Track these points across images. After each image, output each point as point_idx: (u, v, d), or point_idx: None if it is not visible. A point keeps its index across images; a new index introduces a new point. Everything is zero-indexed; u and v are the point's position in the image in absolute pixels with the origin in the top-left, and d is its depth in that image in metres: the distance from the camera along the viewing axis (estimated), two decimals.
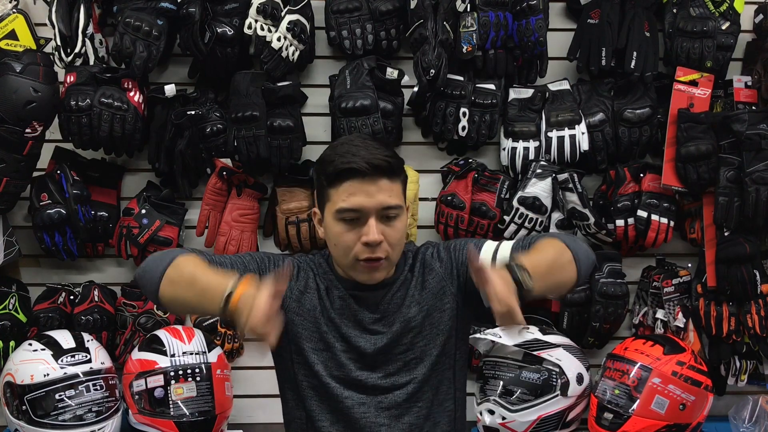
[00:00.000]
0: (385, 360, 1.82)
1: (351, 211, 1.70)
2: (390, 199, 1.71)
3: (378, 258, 1.72)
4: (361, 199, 1.69)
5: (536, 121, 2.66)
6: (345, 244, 1.72)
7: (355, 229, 1.71)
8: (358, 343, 1.80)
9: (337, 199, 1.71)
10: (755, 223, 2.56)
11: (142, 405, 2.43)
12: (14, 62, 2.36)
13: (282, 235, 2.67)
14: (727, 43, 2.61)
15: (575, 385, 2.54)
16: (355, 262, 1.73)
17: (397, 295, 1.84)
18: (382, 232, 1.70)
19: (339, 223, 1.72)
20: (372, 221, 1.69)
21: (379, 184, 1.70)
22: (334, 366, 1.80)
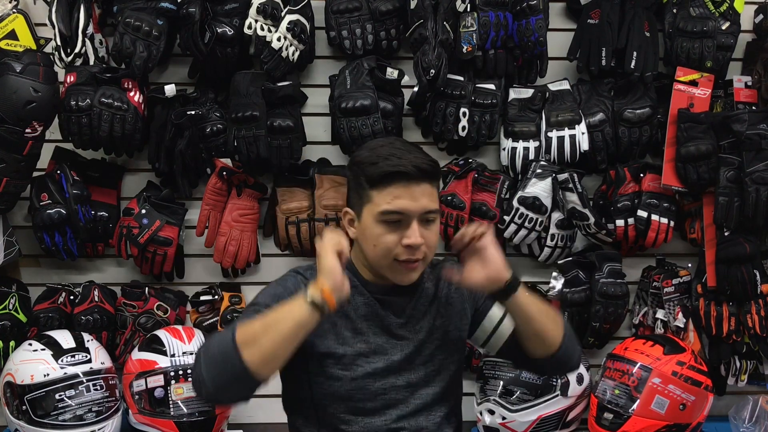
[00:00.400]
0: (409, 368, 1.83)
1: (396, 213, 1.72)
2: (432, 203, 1.75)
3: (417, 259, 1.75)
4: (406, 203, 1.71)
5: (536, 121, 2.66)
6: (386, 246, 1.74)
7: (397, 231, 1.73)
8: (385, 349, 1.81)
9: (381, 201, 1.72)
10: (755, 223, 2.56)
11: (142, 405, 2.43)
12: (14, 62, 2.36)
13: (282, 235, 2.66)
14: (727, 43, 2.61)
15: (575, 385, 2.54)
16: (394, 263, 1.75)
17: (421, 302, 1.87)
18: (422, 236, 1.73)
19: (380, 225, 1.73)
20: (415, 224, 1.72)
21: (423, 188, 1.73)
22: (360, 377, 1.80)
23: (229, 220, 2.65)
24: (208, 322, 2.71)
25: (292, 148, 2.60)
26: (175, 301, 2.69)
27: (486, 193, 2.66)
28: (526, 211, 2.63)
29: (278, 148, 2.58)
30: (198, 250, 2.73)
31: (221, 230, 2.65)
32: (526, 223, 2.64)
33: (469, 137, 2.65)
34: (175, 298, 2.70)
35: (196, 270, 2.77)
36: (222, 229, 2.65)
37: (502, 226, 2.65)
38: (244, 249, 2.66)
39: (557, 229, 2.71)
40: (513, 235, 2.66)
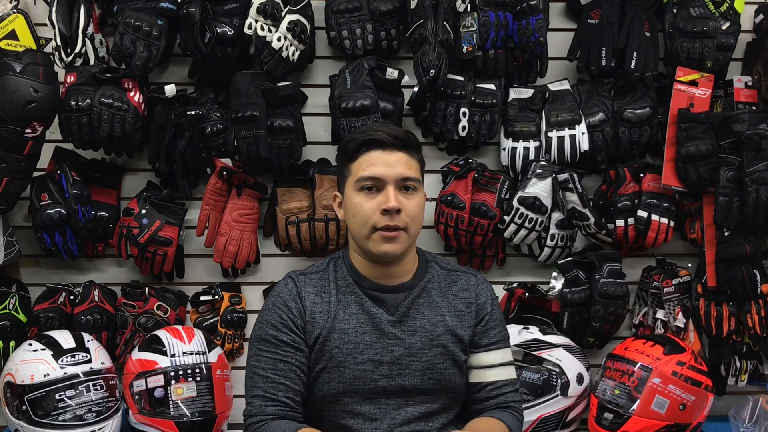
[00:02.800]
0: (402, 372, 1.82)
1: (371, 179, 1.77)
2: (408, 171, 1.79)
3: (396, 227, 1.76)
4: (380, 169, 1.77)
5: (536, 121, 2.66)
6: (364, 213, 1.77)
7: (375, 198, 1.77)
8: (375, 349, 1.81)
9: (358, 169, 1.79)
10: (755, 223, 2.56)
11: (142, 405, 2.43)
12: (14, 62, 2.35)
13: (282, 235, 2.66)
14: (727, 43, 2.61)
15: (575, 385, 2.54)
16: (373, 231, 1.77)
17: (420, 302, 1.86)
18: (400, 203, 1.75)
19: (359, 193, 1.78)
20: (391, 189, 1.76)
21: (399, 156, 1.79)
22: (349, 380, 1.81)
23: (229, 220, 2.65)
24: (208, 322, 2.72)
25: (292, 148, 2.60)
26: (175, 301, 2.70)
27: (486, 193, 2.66)
28: (526, 211, 2.63)
29: (278, 148, 2.58)
30: (198, 250, 2.74)
31: (221, 230, 2.65)
32: (526, 223, 2.64)
33: (469, 137, 2.65)
34: (175, 298, 2.70)
35: (196, 270, 2.77)
36: (222, 229, 2.65)
37: (502, 226, 2.65)
38: (244, 249, 2.66)
39: (557, 229, 2.71)
40: (513, 235, 2.66)
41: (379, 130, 1.80)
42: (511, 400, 1.95)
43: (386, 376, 1.81)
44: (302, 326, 1.83)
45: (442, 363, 1.84)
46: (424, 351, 1.82)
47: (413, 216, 1.79)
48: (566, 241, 2.73)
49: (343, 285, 1.86)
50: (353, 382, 1.81)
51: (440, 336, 1.85)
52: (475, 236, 2.65)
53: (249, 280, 2.78)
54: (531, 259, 2.79)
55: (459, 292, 1.92)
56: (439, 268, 1.96)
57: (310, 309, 1.84)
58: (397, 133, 1.80)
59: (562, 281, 2.66)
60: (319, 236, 2.63)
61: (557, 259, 2.72)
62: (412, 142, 1.83)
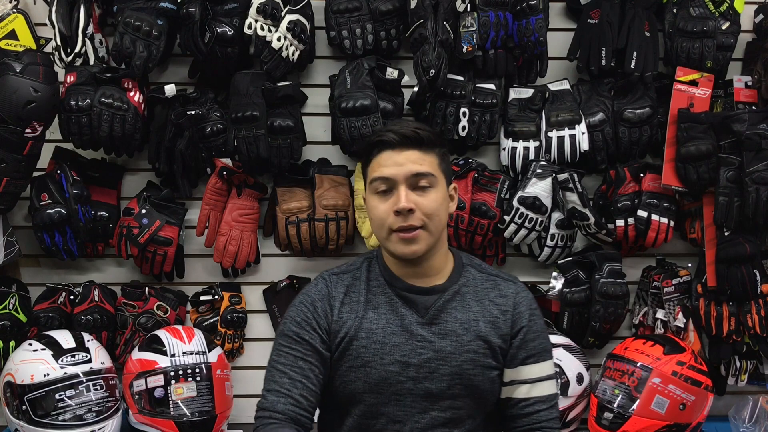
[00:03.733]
0: (430, 376, 1.79)
1: (381, 180, 1.75)
2: (420, 167, 1.75)
3: (411, 227, 1.73)
4: (390, 169, 1.74)
5: (536, 121, 2.66)
6: (379, 216, 1.76)
7: (389, 200, 1.74)
8: (402, 350, 1.78)
9: (371, 172, 1.79)
10: (755, 223, 2.56)
11: (142, 405, 2.43)
12: (14, 62, 2.35)
13: (282, 235, 2.66)
14: (727, 43, 2.61)
15: (575, 385, 2.54)
16: (390, 233, 1.75)
17: (453, 305, 1.82)
18: (414, 201, 1.73)
19: (374, 196, 1.78)
20: (402, 189, 1.73)
21: (408, 154, 1.75)
22: (374, 381, 1.79)
23: (229, 220, 2.65)
24: (208, 322, 2.71)
25: (292, 148, 2.60)
26: (175, 301, 2.69)
27: (486, 193, 2.66)
28: (526, 211, 2.63)
29: (278, 148, 2.58)
30: (198, 250, 2.74)
31: (221, 230, 2.65)
32: (526, 223, 2.64)
33: (469, 137, 2.65)
34: (175, 298, 2.70)
35: (196, 270, 2.77)
36: (222, 229, 2.65)
37: (502, 226, 2.65)
38: (244, 249, 2.66)
39: (557, 229, 2.71)
40: (513, 235, 2.66)
41: (389, 130, 1.77)
42: (545, 418, 1.84)
43: (413, 379, 1.78)
44: (326, 328, 1.80)
45: (471, 369, 1.80)
46: (454, 356, 1.78)
47: (430, 212, 1.74)
48: (566, 241, 2.73)
49: (374, 285, 1.84)
50: (379, 383, 1.78)
51: (471, 342, 1.80)
52: (475, 236, 2.65)
53: (249, 280, 2.78)
54: (531, 259, 2.79)
55: (496, 298, 1.85)
56: (476, 272, 1.89)
57: (338, 309, 1.82)
58: (406, 131, 1.76)
59: (562, 281, 2.66)
60: (319, 236, 2.63)
61: (557, 259, 2.72)
62: (423, 137, 1.76)
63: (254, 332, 2.76)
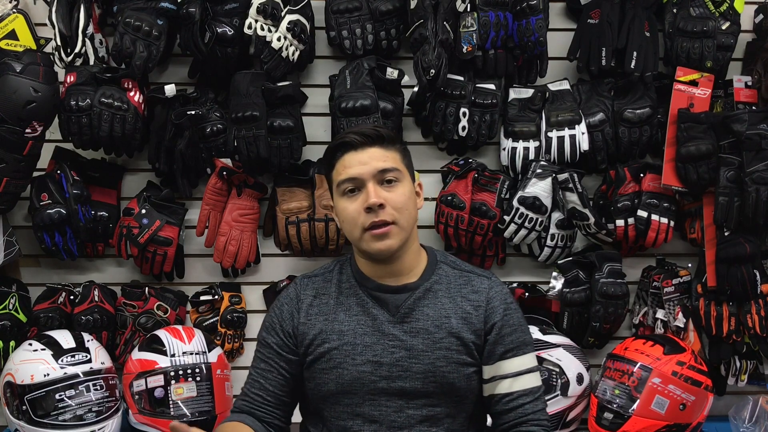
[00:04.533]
0: (404, 375, 1.79)
1: (348, 181, 1.77)
2: (384, 163, 1.78)
3: (384, 222, 1.75)
4: (356, 169, 1.77)
5: (536, 121, 2.66)
6: (350, 216, 1.77)
7: (358, 199, 1.77)
8: (375, 350, 1.80)
9: (337, 175, 1.80)
10: (755, 223, 2.56)
11: (142, 405, 2.43)
12: (14, 62, 2.35)
13: (282, 235, 2.66)
14: (727, 43, 2.61)
15: (575, 385, 2.54)
16: (363, 232, 1.76)
17: (424, 303, 1.83)
18: (383, 197, 1.75)
19: (342, 198, 1.79)
20: (370, 186, 1.75)
21: (372, 152, 1.78)
22: (347, 381, 1.80)
23: (229, 220, 2.65)
24: (208, 322, 2.71)
25: (292, 148, 2.60)
26: (175, 301, 2.70)
27: (486, 193, 2.66)
28: (526, 211, 2.63)
29: (278, 148, 2.58)
30: (198, 250, 2.74)
31: (221, 230, 2.65)
32: (526, 223, 2.64)
33: (469, 137, 2.65)
34: (175, 298, 2.70)
35: (196, 270, 2.77)
36: (222, 229, 2.65)
37: (502, 226, 2.65)
38: (244, 249, 2.66)
39: (557, 229, 2.71)
40: (513, 235, 2.66)
41: (349, 133, 1.81)
42: (530, 411, 1.82)
43: (386, 378, 1.79)
44: (291, 331, 1.86)
45: (444, 366, 1.80)
46: (426, 353, 1.79)
47: (400, 207, 1.76)
48: (566, 241, 2.73)
49: (346, 287, 1.86)
50: (352, 383, 1.80)
51: (443, 339, 1.80)
52: (475, 236, 2.65)
53: (249, 280, 2.78)
54: (531, 259, 2.79)
55: (469, 294, 1.85)
56: (450, 268, 1.89)
57: (305, 312, 1.85)
58: (366, 130, 1.79)
59: (562, 281, 2.66)
60: (319, 236, 2.63)
61: (557, 259, 2.72)
62: (384, 135, 1.80)
63: (254, 332, 2.75)
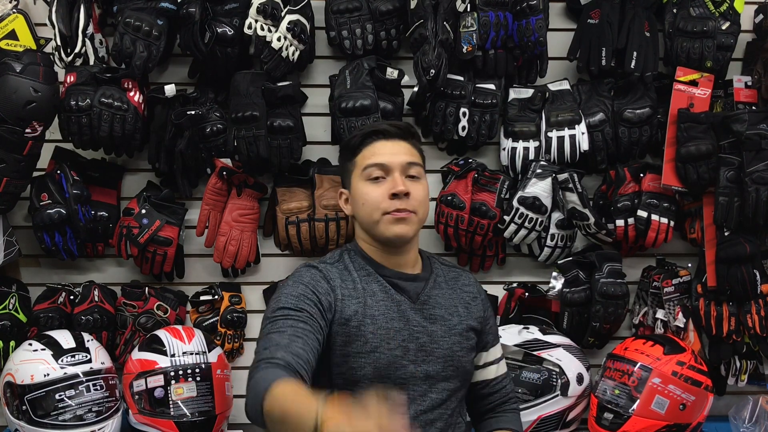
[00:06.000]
0: (427, 359, 1.86)
1: (377, 165, 1.85)
2: (412, 157, 1.88)
3: (406, 209, 1.82)
4: (386, 156, 1.85)
5: (536, 121, 2.66)
6: (373, 199, 1.84)
7: (383, 185, 1.84)
8: (403, 335, 1.85)
9: (363, 160, 1.87)
10: (755, 223, 2.56)
11: (142, 405, 2.43)
12: (14, 62, 2.35)
13: (282, 235, 2.66)
14: (727, 43, 2.61)
15: (575, 385, 2.54)
16: (384, 217, 1.83)
17: (437, 292, 1.93)
18: (408, 187, 1.84)
19: (367, 183, 1.86)
20: (397, 175, 1.84)
21: (402, 145, 1.89)
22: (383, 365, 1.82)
23: (229, 220, 2.65)
24: (208, 322, 2.71)
25: (292, 148, 2.60)
26: (175, 301, 2.69)
27: (486, 193, 2.66)
28: (526, 211, 2.63)
29: (278, 148, 2.58)
30: (198, 250, 2.74)
31: (221, 230, 2.65)
32: (526, 223, 2.64)
33: (469, 137, 2.65)
34: (175, 298, 2.70)
35: (196, 270, 2.77)
36: (222, 229, 2.65)
37: (502, 226, 2.65)
38: (244, 249, 2.66)
39: (557, 229, 2.71)
40: (513, 235, 2.66)
41: (381, 125, 1.92)
42: (510, 390, 2.12)
43: (413, 362, 1.85)
44: (328, 305, 1.78)
45: (459, 351, 1.92)
46: (445, 339, 1.89)
47: (420, 200, 1.86)
48: (566, 241, 2.73)
49: (363, 274, 1.89)
50: (387, 368, 1.83)
51: (456, 325, 1.92)
52: (475, 236, 2.65)
53: (249, 280, 2.78)
54: (531, 259, 2.79)
55: (464, 286, 2.01)
56: (440, 264, 2.04)
57: (339, 292, 1.84)
58: (401, 124, 1.92)
59: (562, 281, 2.66)
60: (319, 236, 2.63)
61: (557, 259, 2.72)
62: (413, 132, 1.94)
63: (254, 332, 2.76)
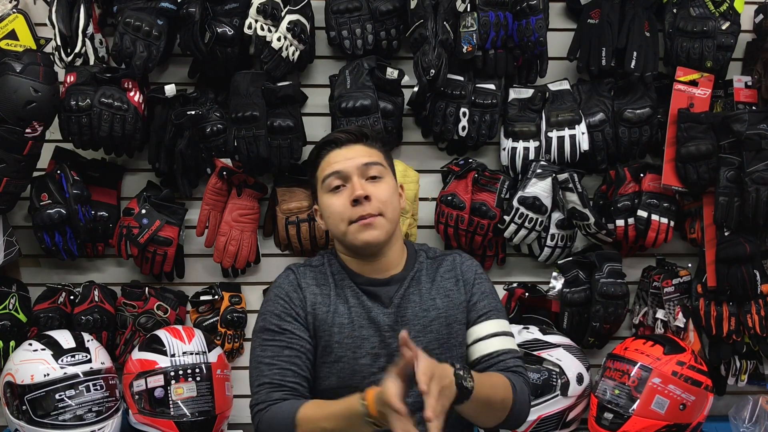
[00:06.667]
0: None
1: (333, 174, 1.82)
2: (368, 157, 1.84)
3: (370, 214, 1.79)
4: (340, 164, 1.83)
5: (536, 121, 2.66)
6: (336, 211, 1.81)
7: (343, 194, 1.81)
8: (372, 343, 1.81)
9: (322, 172, 1.86)
10: (755, 223, 2.56)
11: (142, 405, 2.43)
12: (14, 62, 2.36)
13: (282, 235, 2.67)
14: (727, 43, 2.61)
15: (575, 385, 2.54)
16: (351, 226, 1.80)
17: (412, 291, 1.87)
18: (368, 190, 1.79)
19: (328, 195, 1.84)
20: (355, 179, 1.81)
21: (357, 149, 1.85)
22: (347, 375, 1.80)
23: (229, 220, 2.65)
24: (208, 322, 2.71)
25: (292, 148, 2.60)
26: (175, 301, 2.70)
27: (486, 193, 2.66)
28: (526, 211, 2.63)
29: (278, 148, 2.58)
30: (198, 250, 2.74)
31: (221, 230, 2.65)
32: (526, 223, 2.64)
33: (469, 137, 2.65)
34: (175, 298, 2.70)
35: (196, 270, 2.77)
36: (222, 229, 2.65)
37: (502, 226, 2.65)
38: (244, 249, 2.66)
39: (557, 229, 2.71)
40: (513, 235, 2.66)
41: (334, 133, 1.90)
42: (513, 364, 1.88)
43: (383, 369, 1.78)
44: (304, 317, 1.84)
45: (437, 349, 1.83)
46: (419, 338, 1.81)
47: (385, 200, 1.81)
48: (566, 241, 2.73)
49: (339, 279, 1.89)
50: (352, 377, 1.80)
51: (433, 321, 1.85)
52: (475, 236, 2.65)
53: (249, 280, 2.78)
54: (531, 259, 2.79)
55: (445, 273, 1.93)
56: (425, 255, 1.97)
57: (311, 300, 1.85)
58: (351, 128, 1.88)
59: (562, 281, 2.66)
60: (319, 236, 2.64)
61: (557, 259, 2.72)
62: (367, 133, 1.88)
63: None
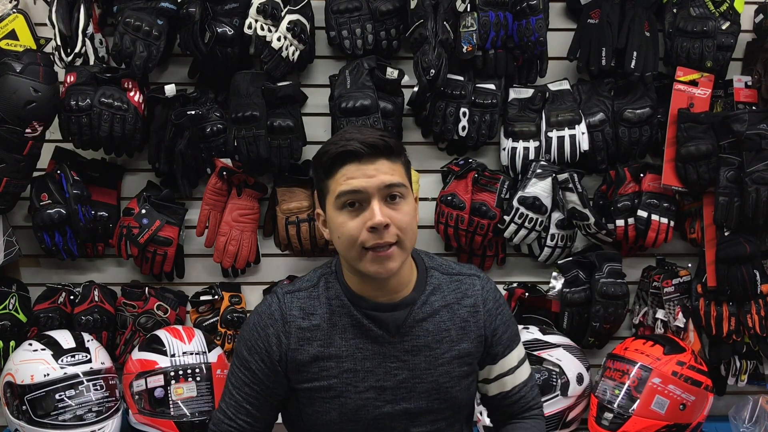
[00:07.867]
0: (407, 396, 1.70)
1: (351, 193, 1.58)
2: (392, 177, 1.59)
3: (387, 244, 1.58)
4: (360, 181, 1.57)
5: (536, 121, 2.66)
6: (349, 233, 1.59)
7: (359, 215, 1.58)
8: (377, 375, 1.69)
9: (336, 186, 1.60)
10: (755, 223, 2.56)
11: (142, 405, 2.43)
12: (14, 62, 2.36)
13: (282, 235, 2.67)
14: (727, 43, 2.61)
15: (575, 385, 2.54)
16: (362, 252, 1.59)
17: (422, 318, 1.71)
18: (388, 216, 1.58)
19: (341, 212, 1.60)
20: (375, 203, 1.57)
21: (378, 165, 1.59)
22: (351, 410, 1.69)
23: (229, 220, 2.65)
24: (208, 322, 2.72)
25: (292, 148, 2.60)
26: (175, 301, 2.70)
27: (486, 193, 2.66)
28: (526, 211, 2.63)
29: (278, 148, 2.58)
30: (198, 250, 2.74)
31: (221, 230, 2.65)
32: (526, 223, 2.64)
33: (469, 137, 2.65)
34: (175, 298, 2.70)
35: (196, 270, 2.77)
36: (222, 229, 2.65)
37: (502, 226, 2.65)
38: (244, 249, 2.66)
39: (557, 229, 2.71)
40: (513, 235, 2.66)
41: (352, 139, 1.59)
42: (531, 398, 1.86)
43: (390, 402, 1.70)
44: (278, 358, 1.69)
45: (448, 382, 1.72)
46: (430, 371, 1.70)
47: (405, 227, 1.60)
48: (566, 241, 2.73)
49: (337, 305, 1.70)
50: (356, 412, 1.68)
51: (445, 353, 1.71)
52: (475, 236, 2.65)
53: (249, 280, 2.78)
54: (531, 259, 2.79)
55: (463, 299, 1.76)
56: (440, 274, 1.78)
57: (296, 336, 1.69)
58: (373, 140, 1.59)
59: (562, 281, 2.66)
60: (319, 236, 2.64)
61: (557, 259, 2.72)
62: (391, 145, 1.61)
63: None
